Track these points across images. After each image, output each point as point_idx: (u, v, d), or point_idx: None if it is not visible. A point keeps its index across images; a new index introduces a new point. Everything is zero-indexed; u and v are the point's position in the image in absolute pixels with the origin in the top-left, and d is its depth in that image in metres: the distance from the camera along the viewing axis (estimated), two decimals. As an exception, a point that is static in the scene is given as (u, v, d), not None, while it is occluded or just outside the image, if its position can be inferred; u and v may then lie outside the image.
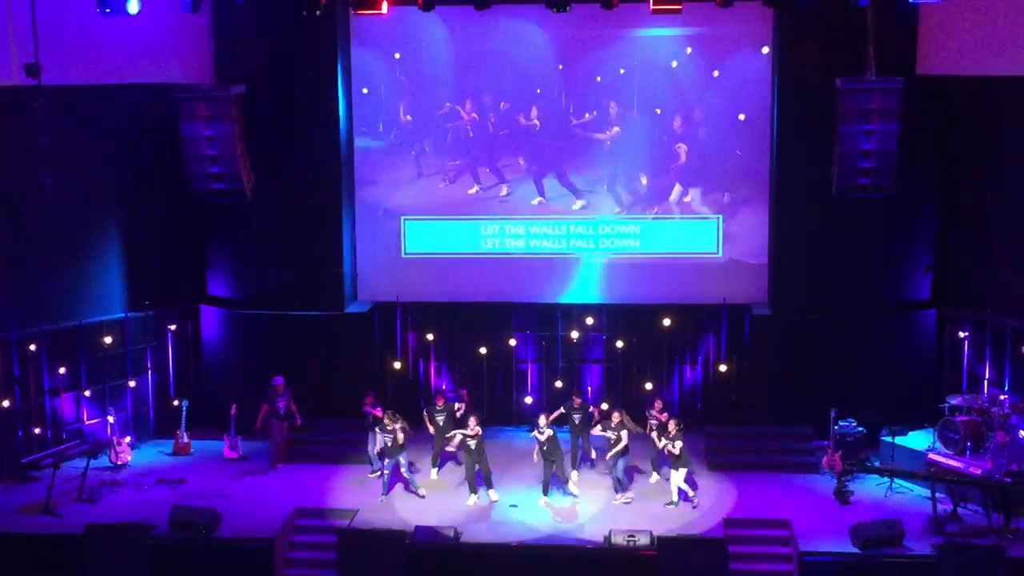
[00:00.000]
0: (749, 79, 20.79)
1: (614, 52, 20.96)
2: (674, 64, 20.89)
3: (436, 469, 19.62)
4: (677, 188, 21.24)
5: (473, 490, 18.59)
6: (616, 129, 21.15)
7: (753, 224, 21.29)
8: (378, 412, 19.14)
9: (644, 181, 21.31)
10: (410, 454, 19.08)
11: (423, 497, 18.74)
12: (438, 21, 20.82)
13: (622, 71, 20.98)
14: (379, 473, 19.12)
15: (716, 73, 20.82)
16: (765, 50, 20.50)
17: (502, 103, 21.27)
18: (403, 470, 18.77)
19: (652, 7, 17.91)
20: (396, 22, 20.53)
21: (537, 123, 21.24)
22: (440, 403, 19.61)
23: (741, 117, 20.89)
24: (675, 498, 18.29)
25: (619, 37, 20.86)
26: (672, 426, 18.37)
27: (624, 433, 18.40)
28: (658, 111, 21.03)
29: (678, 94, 21.03)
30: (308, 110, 20.79)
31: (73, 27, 18.32)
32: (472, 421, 18.69)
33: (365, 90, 21.41)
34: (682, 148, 21.07)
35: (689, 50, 20.82)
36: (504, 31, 20.99)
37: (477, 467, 18.62)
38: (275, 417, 19.93)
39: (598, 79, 21.06)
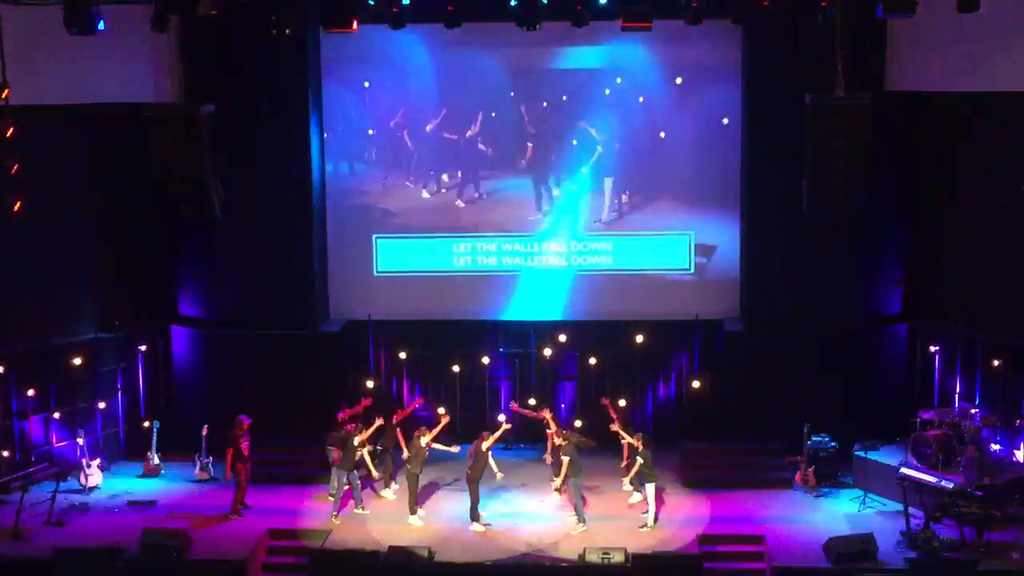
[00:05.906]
0: (718, 96, 20.88)
1: (582, 69, 21.08)
2: (642, 78, 21.00)
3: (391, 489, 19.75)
4: (608, 182, 21.38)
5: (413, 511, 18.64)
6: (530, 145, 21.33)
7: (725, 240, 21.36)
8: (349, 427, 19.05)
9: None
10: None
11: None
12: (405, 42, 20.68)
13: (591, 88, 21.14)
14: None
15: (684, 86, 20.96)
16: (679, 80, 20.85)
17: (473, 120, 21.39)
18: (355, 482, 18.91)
19: (622, 24, 17.94)
20: (366, 42, 20.49)
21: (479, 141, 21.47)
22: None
23: (714, 129, 21.02)
24: (650, 522, 18.11)
25: (587, 54, 20.94)
26: (636, 440, 18.28)
27: (566, 459, 18.17)
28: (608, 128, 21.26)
29: (647, 110, 21.12)
30: (279, 129, 20.66)
31: (40, 46, 18.18)
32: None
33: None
34: (598, 151, 21.26)
35: (659, 66, 20.93)
36: (471, 48, 20.93)
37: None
38: (239, 460, 18.86)
39: (564, 98, 21.22)
